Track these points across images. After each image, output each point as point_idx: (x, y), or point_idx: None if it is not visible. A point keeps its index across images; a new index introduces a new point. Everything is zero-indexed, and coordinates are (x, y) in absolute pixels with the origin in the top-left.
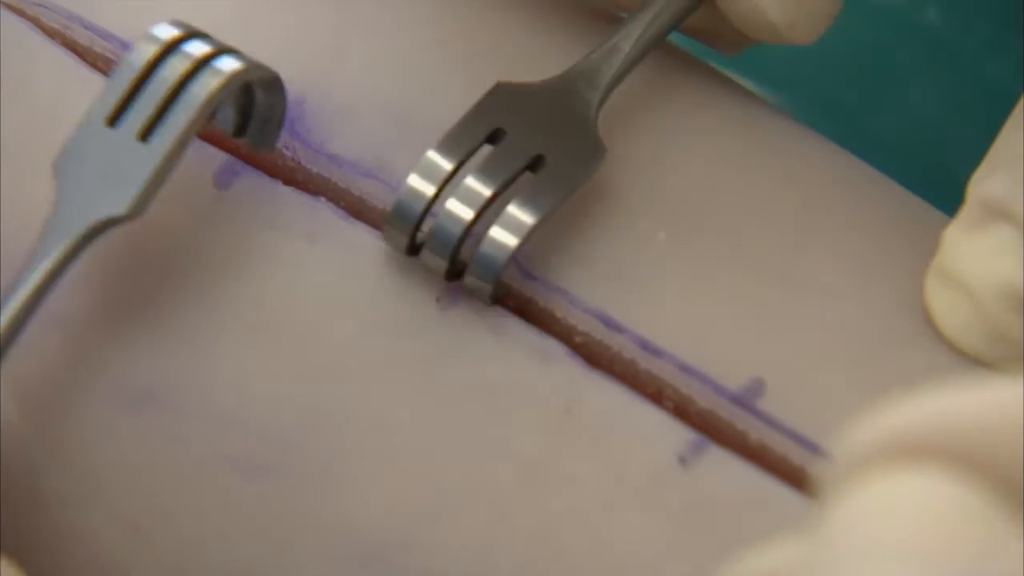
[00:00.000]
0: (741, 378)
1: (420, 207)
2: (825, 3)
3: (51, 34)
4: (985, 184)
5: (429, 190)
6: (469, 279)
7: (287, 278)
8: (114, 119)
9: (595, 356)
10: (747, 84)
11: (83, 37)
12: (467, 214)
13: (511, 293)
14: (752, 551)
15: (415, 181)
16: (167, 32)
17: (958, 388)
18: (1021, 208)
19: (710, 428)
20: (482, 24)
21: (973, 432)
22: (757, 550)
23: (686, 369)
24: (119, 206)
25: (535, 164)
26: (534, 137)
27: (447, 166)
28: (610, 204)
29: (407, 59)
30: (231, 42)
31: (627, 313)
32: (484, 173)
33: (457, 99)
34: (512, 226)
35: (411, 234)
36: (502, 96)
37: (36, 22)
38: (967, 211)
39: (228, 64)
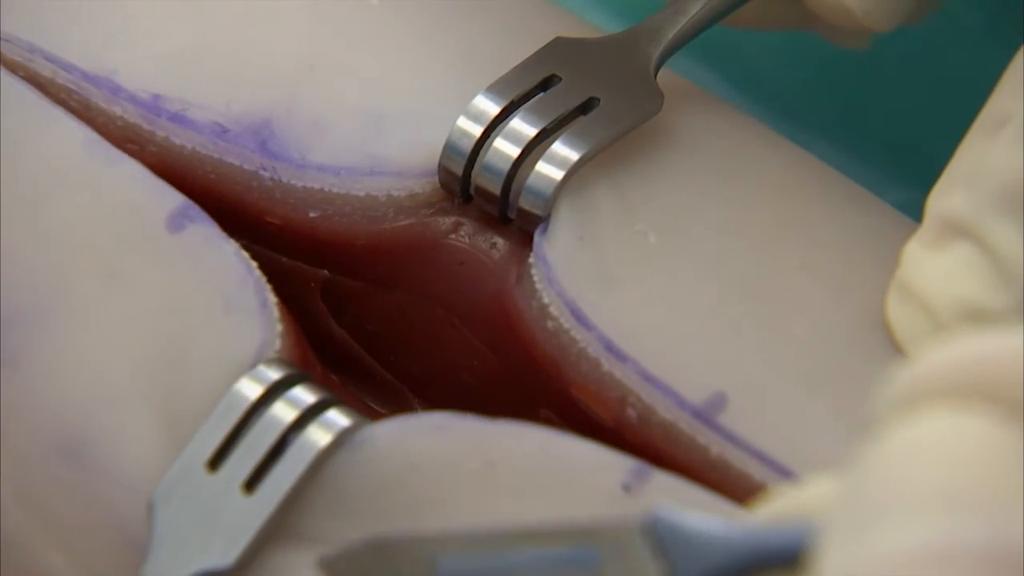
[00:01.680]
0: (704, 391)
1: (468, 147)
2: None
3: (12, 67)
4: (944, 200)
5: (477, 131)
6: (519, 213)
7: None
8: (216, 462)
9: (564, 348)
10: (730, 86)
11: (45, 69)
12: (513, 151)
13: None
14: (791, 486)
15: (463, 123)
16: (274, 373)
17: (1000, 331)
18: (982, 226)
19: (669, 440)
20: (449, 29)
21: (1014, 373)
22: (796, 485)
23: (649, 378)
24: (224, 558)
25: (588, 106)
26: (589, 82)
27: (494, 109)
28: (615, 199)
29: (372, 67)
30: (191, 68)
31: (599, 311)
32: (533, 113)
33: (434, 92)
34: (557, 160)
35: (463, 175)
36: (559, 48)
37: None
38: (927, 227)
39: (337, 417)
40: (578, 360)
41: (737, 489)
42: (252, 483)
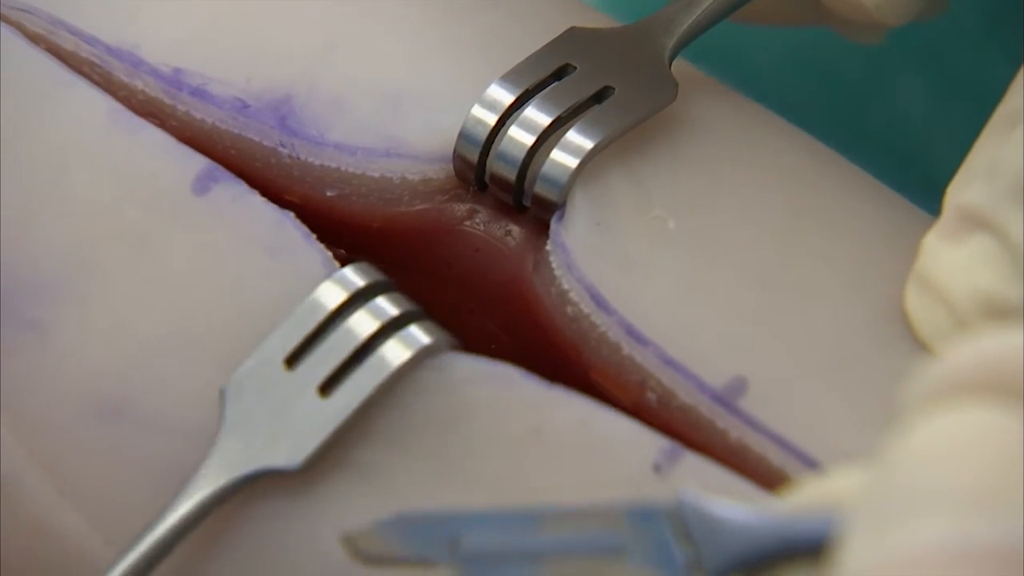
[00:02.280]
0: (724, 375)
1: (483, 135)
2: None
3: (35, 39)
4: (963, 193)
5: (492, 119)
6: (534, 200)
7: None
8: (293, 360)
9: (584, 332)
10: (733, 88)
11: (67, 42)
12: (528, 139)
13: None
14: (816, 476)
15: (478, 111)
16: (359, 279)
17: None
18: (999, 217)
19: (689, 424)
20: (466, 17)
21: None
22: (823, 474)
23: (669, 362)
24: (291, 459)
25: (603, 95)
26: (603, 72)
27: (509, 97)
28: (631, 186)
29: (391, 49)
30: (213, 43)
31: (619, 296)
32: (547, 102)
33: (451, 77)
34: (571, 148)
35: (478, 164)
36: (574, 37)
37: (20, 27)
38: (945, 220)
39: (419, 334)
40: (598, 344)
41: (756, 474)
42: (328, 386)
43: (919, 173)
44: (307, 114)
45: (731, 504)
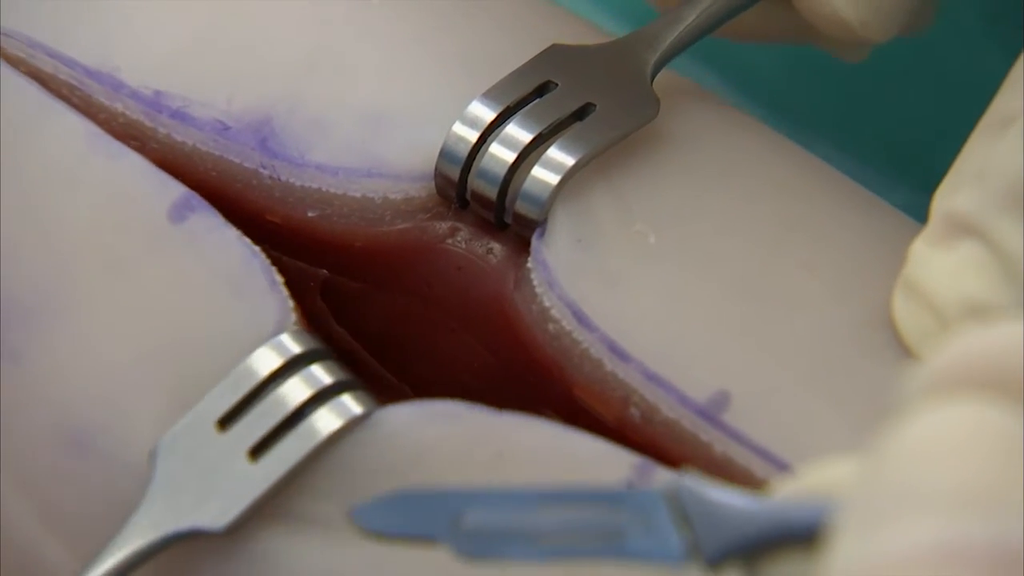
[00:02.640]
0: (707, 389)
1: (464, 152)
2: (899, 2)
3: (14, 63)
4: (951, 199)
5: (473, 136)
6: (515, 217)
7: None
8: (225, 422)
9: (566, 349)
10: (731, 88)
11: (47, 65)
12: (509, 156)
13: None
14: (809, 467)
15: (459, 128)
16: (294, 346)
17: (1018, 324)
18: (988, 224)
19: (673, 438)
20: (449, 29)
21: None
22: (814, 465)
23: (652, 377)
24: (217, 521)
25: (584, 112)
26: (585, 88)
27: (490, 115)
28: (612, 201)
29: (373, 66)
30: (193, 64)
31: (601, 313)
32: (528, 119)
33: (433, 95)
34: (552, 165)
35: (459, 181)
36: (556, 54)
37: (1, 51)
38: (933, 226)
39: (351, 404)
40: (581, 361)
41: (740, 487)
42: (258, 451)
43: (917, 174)
44: (288, 135)
45: (728, 490)
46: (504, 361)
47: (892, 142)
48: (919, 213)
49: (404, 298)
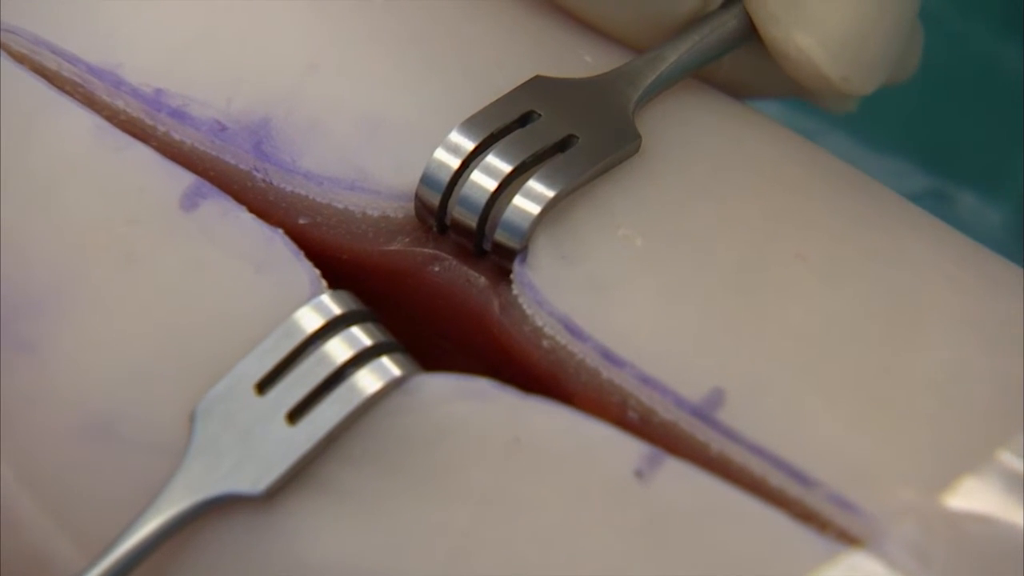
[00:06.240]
0: (701, 388)
1: (445, 179)
2: (880, 56)
3: (19, 59)
4: None
5: (454, 163)
6: (494, 246)
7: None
8: (264, 385)
9: (561, 362)
10: None
11: (51, 61)
12: (490, 185)
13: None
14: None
15: (440, 155)
16: (335, 307)
17: None
18: None
19: (670, 440)
20: (452, 31)
21: None
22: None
23: (647, 380)
24: (256, 485)
25: (566, 143)
26: (567, 120)
27: (470, 144)
28: (594, 211)
29: (375, 69)
30: (195, 63)
31: (592, 321)
32: (510, 148)
33: (431, 104)
34: (533, 196)
35: (439, 208)
36: (538, 85)
37: (5, 47)
38: None
39: (390, 366)
40: (577, 372)
41: (738, 485)
42: (296, 414)
43: (936, 161)
44: (282, 139)
45: None
46: (500, 374)
47: (909, 130)
48: (936, 200)
49: (395, 314)
